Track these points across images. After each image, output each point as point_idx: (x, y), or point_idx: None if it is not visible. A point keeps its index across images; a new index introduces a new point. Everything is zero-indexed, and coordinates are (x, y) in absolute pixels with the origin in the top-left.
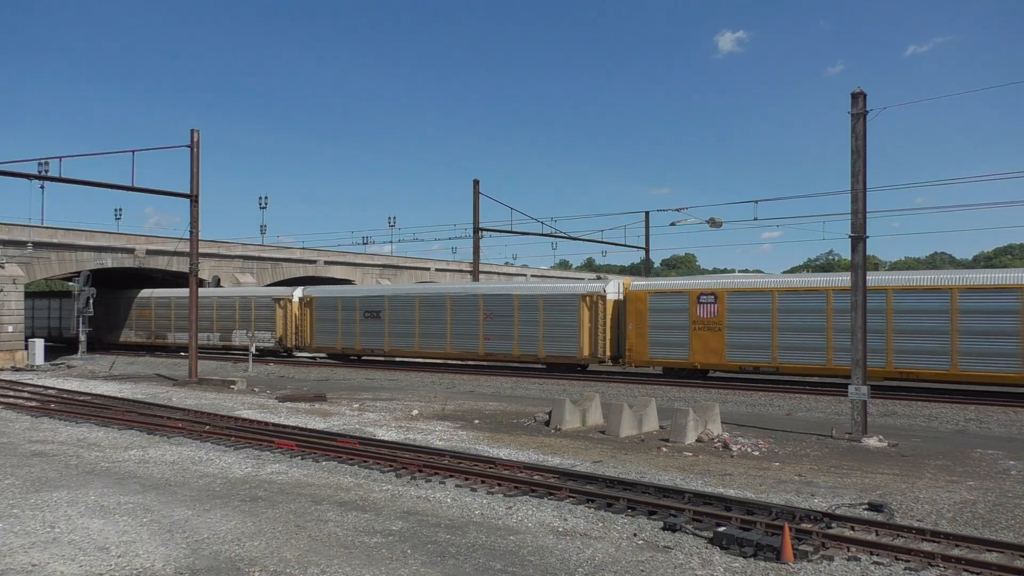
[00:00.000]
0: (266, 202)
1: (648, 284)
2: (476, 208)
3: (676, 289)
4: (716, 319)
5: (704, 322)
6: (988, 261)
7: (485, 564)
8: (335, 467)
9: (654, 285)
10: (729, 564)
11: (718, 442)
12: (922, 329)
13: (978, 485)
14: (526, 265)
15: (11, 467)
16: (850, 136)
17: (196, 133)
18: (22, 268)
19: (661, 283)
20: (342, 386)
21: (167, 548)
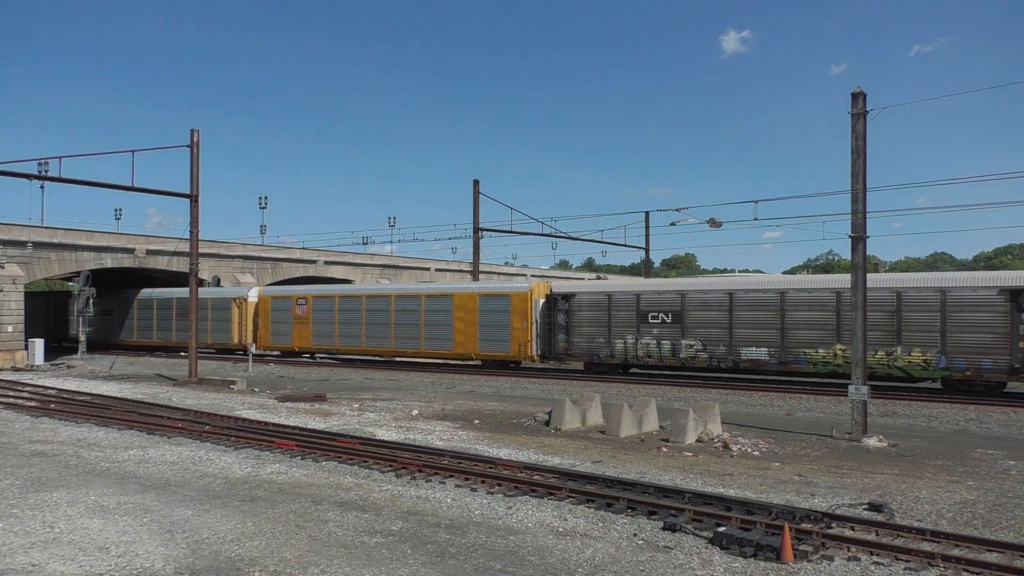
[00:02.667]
0: (266, 202)
1: (269, 290)
2: (476, 208)
3: (283, 295)
4: (306, 316)
5: (300, 318)
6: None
7: (485, 564)
8: (335, 467)
9: (272, 291)
10: (729, 564)
11: (718, 442)
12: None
13: (978, 485)
14: (526, 265)
15: (11, 467)
16: (850, 136)
17: (196, 133)
18: (22, 268)
19: (276, 290)
20: (342, 386)
21: (167, 548)
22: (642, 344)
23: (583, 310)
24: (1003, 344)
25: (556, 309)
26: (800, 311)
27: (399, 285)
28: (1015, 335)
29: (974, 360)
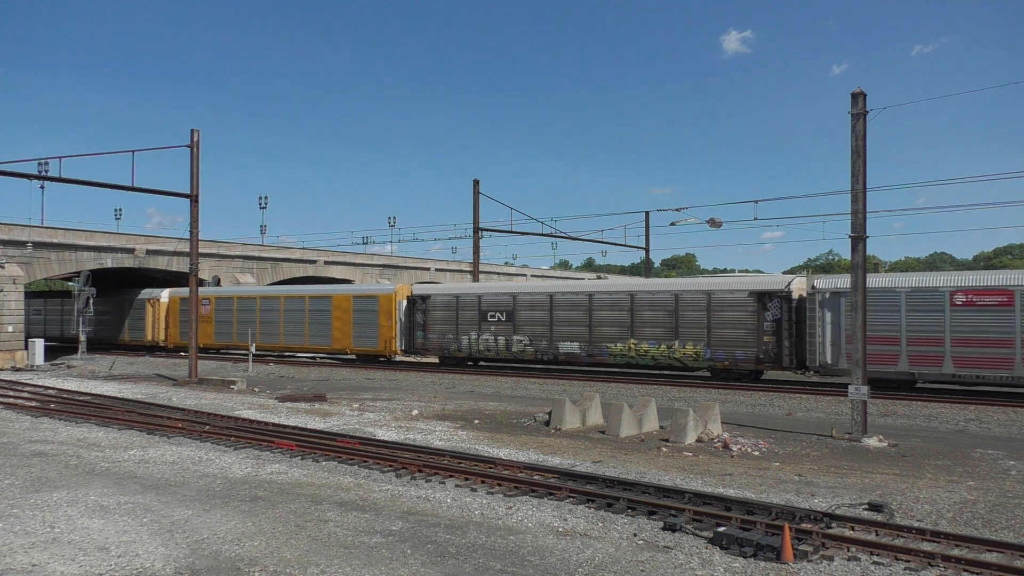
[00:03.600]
0: (266, 202)
1: (178, 292)
2: (476, 208)
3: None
4: (209, 316)
5: (204, 317)
6: (988, 261)
7: (485, 564)
8: (335, 467)
9: (180, 293)
10: (729, 564)
11: (718, 442)
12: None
13: (978, 485)
14: (526, 265)
15: (11, 467)
16: (850, 136)
17: (196, 133)
18: (22, 268)
19: (184, 291)
20: (342, 386)
21: (167, 548)
22: (483, 340)
23: (437, 310)
24: (752, 338)
25: (416, 309)
26: (604, 311)
27: (288, 287)
28: (760, 331)
29: (731, 352)
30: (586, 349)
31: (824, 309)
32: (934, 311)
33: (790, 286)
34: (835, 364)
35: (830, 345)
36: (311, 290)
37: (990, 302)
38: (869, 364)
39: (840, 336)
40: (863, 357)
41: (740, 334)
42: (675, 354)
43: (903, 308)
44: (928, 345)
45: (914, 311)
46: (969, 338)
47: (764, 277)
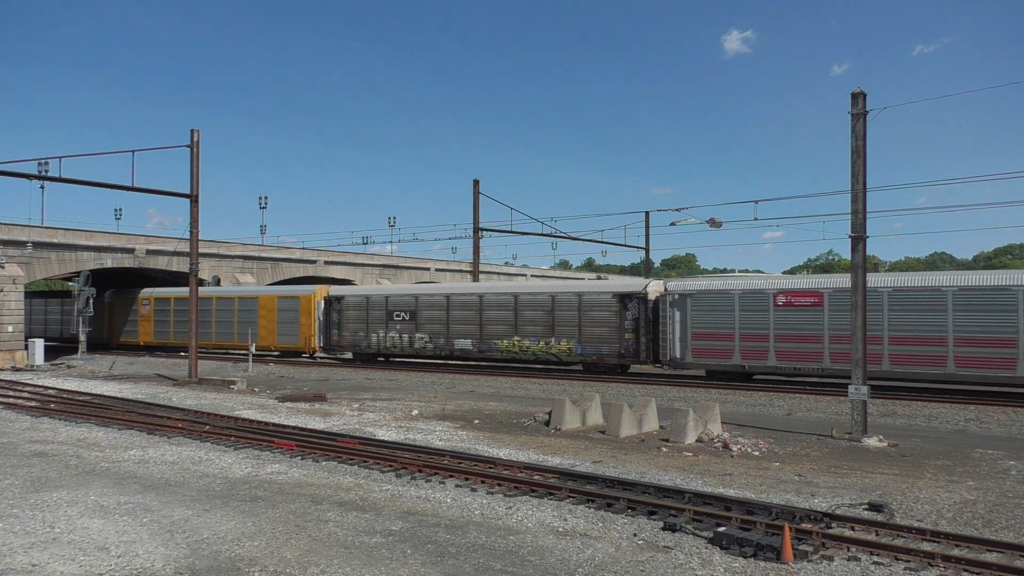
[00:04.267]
0: (266, 202)
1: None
2: (476, 208)
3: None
4: (148, 315)
5: (144, 317)
6: (988, 261)
7: (485, 564)
8: (335, 467)
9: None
10: (729, 564)
11: (718, 442)
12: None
13: (978, 485)
14: (526, 265)
15: (11, 467)
16: (850, 136)
17: (196, 133)
18: (22, 268)
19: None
20: (342, 386)
21: (167, 548)
22: (390, 337)
23: (350, 310)
24: (616, 336)
25: (332, 309)
26: (492, 311)
27: (220, 288)
28: (623, 329)
29: (599, 348)
30: (477, 345)
31: (674, 309)
32: (761, 311)
33: (647, 288)
34: (683, 358)
35: (679, 341)
36: (240, 291)
37: (804, 303)
38: (708, 357)
39: (687, 333)
40: (863, 357)
41: (606, 332)
42: (552, 350)
43: (736, 308)
44: (756, 341)
45: (746, 311)
46: (788, 334)
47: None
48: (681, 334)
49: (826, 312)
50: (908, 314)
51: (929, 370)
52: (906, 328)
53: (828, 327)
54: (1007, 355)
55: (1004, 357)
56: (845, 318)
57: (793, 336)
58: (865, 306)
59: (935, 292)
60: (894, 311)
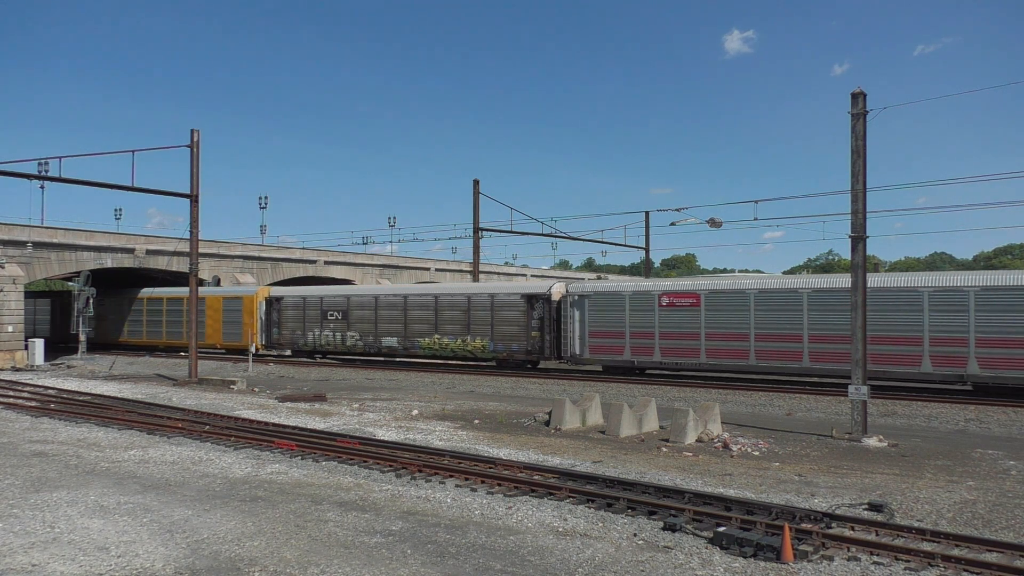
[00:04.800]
0: (266, 202)
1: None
2: (476, 208)
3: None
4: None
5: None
6: (988, 261)
7: (485, 564)
8: (335, 467)
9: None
10: (729, 564)
11: (718, 442)
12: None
13: (978, 485)
14: (526, 265)
15: (11, 467)
16: (850, 136)
17: (196, 133)
18: (22, 268)
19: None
20: (342, 386)
21: (167, 548)
22: (324, 335)
23: (289, 309)
24: (524, 334)
25: (272, 308)
26: (415, 311)
27: (169, 289)
28: (529, 327)
29: (509, 345)
30: (402, 343)
31: (574, 309)
32: (648, 311)
33: (551, 290)
34: (582, 355)
35: (578, 339)
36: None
37: (685, 303)
38: (603, 354)
39: (585, 332)
40: (863, 357)
41: (515, 330)
42: (467, 347)
43: (627, 308)
44: (644, 338)
45: (635, 311)
46: (671, 332)
47: (533, 282)
48: (580, 332)
49: (702, 312)
50: (673, 314)
51: (689, 360)
52: (672, 325)
53: (704, 325)
54: (796, 349)
55: (793, 351)
56: (719, 317)
57: (675, 334)
58: (865, 306)
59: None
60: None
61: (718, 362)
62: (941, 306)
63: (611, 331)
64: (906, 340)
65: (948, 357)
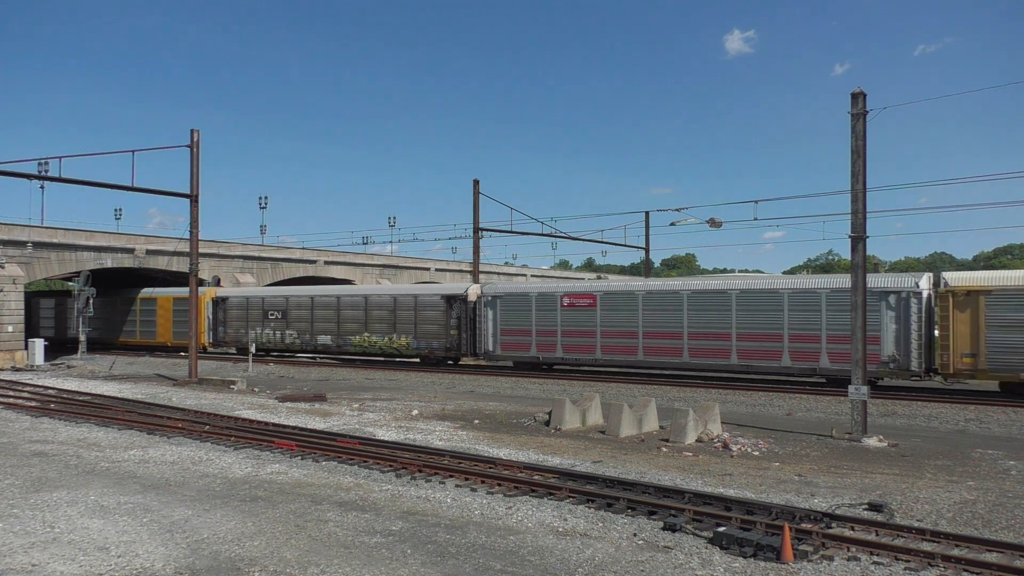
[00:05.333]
0: (266, 202)
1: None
2: (476, 208)
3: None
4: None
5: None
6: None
7: (485, 564)
8: (335, 467)
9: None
10: (729, 564)
11: (718, 442)
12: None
13: (978, 485)
14: (526, 265)
15: (11, 467)
16: (850, 136)
17: (196, 133)
18: (22, 268)
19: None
20: (342, 386)
21: (167, 548)
22: (265, 334)
23: (233, 309)
24: (443, 332)
25: (218, 308)
26: (347, 311)
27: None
28: (448, 326)
29: (430, 343)
30: (336, 341)
31: (488, 309)
32: (551, 311)
33: (468, 291)
34: (495, 351)
35: (491, 337)
36: (142, 292)
37: (583, 304)
38: (513, 350)
39: (497, 330)
40: (862, 357)
41: (436, 329)
42: (394, 344)
43: (533, 308)
44: (548, 336)
45: (540, 311)
46: (571, 331)
47: (452, 284)
48: (493, 331)
49: (598, 312)
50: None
51: (585, 356)
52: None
53: (600, 325)
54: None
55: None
56: (613, 316)
57: (575, 332)
58: (865, 306)
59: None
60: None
61: (611, 358)
62: (798, 306)
63: (520, 329)
64: (770, 337)
65: (804, 352)
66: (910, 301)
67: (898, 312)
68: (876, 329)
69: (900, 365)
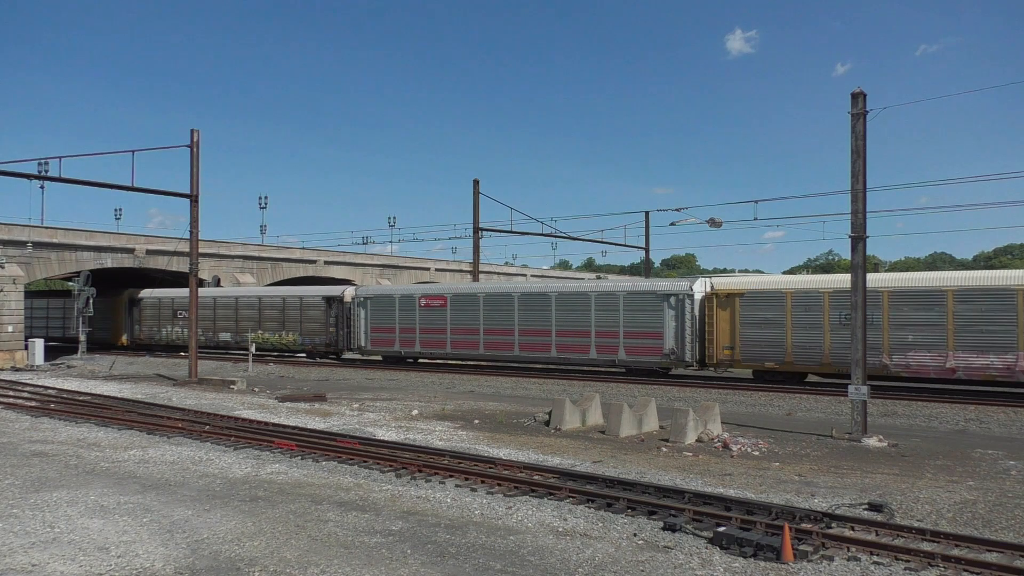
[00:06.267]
0: (266, 202)
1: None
2: (476, 208)
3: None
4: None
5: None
6: (988, 261)
7: (485, 564)
8: (335, 467)
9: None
10: (729, 564)
11: (718, 442)
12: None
13: (978, 485)
14: (526, 265)
15: (11, 467)
16: (850, 136)
17: (196, 133)
18: (22, 268)
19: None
20: (342, 386)
21: (167, 548)
22: (174, 331)
23: (147, 309)
24: (323, 330)
25: (134, 307)
26: (244, 310)
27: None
28: (327, 325)
29: (313, 339)
30: (234, 338)
31: (360, 309)
32: (412, 310)
33: (344, 293)
34: (366, 347)
35: (363, 334)
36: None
37: (436, 304)
38: (381, 346)
39: (368, 328)
40: (862, 356)
41: (317, 327)
42: (283, 340)
43: (397, 308)
44: (408, 333)
45: (402, 310)
46: (427, 328)
47: (332, 287)
48: (365, 328)
49: (448, 312)
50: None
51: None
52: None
53: (450, 323)
54: (509, 340)
55: (507, 342)
56: (461, 316)
57: (430, 329)
58: (865, 306)
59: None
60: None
61: (458, 352)
62: (602, 307)
63: (386, 327)
64: (581, 333)
65: (607, 347)
66: (685, 302)
67: (677, 312)
68: (660, 326)
69: (678, 357)
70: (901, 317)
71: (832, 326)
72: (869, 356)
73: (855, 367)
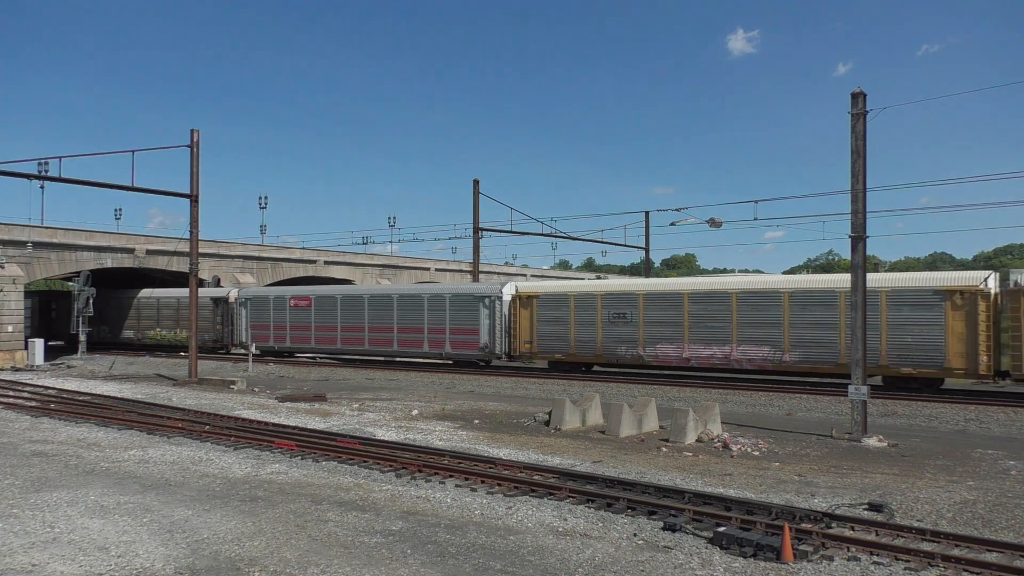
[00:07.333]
0: (266, 202)
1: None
2: (476, 208)
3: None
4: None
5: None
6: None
7: (485, 564)
8: (335, 467)
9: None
10: (729, 564)
11: (718, 442)
12: None
13: (978, 485)
14: (526, 265)
15: (11, 467)
16: (850, 136)
17: (196, 133)
18: (22, 268)
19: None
20: (342, 386)
21: (167, 548)
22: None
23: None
24: (212, 327)
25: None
26: (145, 310)
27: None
28: (215, 322)
29: (203, 336)
30: (137, 335)
31: (242, 308)
32: (283, 310)
33: (229, 294)
34: (247, 342)
35: (245, 331)
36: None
37: (303, 304)
38: (259, 341)
39: (248, 326)
40: (862, 356)
41: (207, 324)
42: (178, 337)
43: (271, 308)
44: (281, 330)
45: (276, 310)
46: (296, 325)
47: (218, 289)
48: (246, 326)
49: (313, 311)
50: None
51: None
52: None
53: (314, 321)
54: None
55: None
56: (322, 315)
57: (298, 327)
58: (865, 306)
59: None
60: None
61: (321, 347)
62: (432, 307)
63: (263, 325)
64: (416, 330)
65: (437, 342)
66: (496, 303)
67: (490, 311)
68: (477, 324)
69: (491, 350)
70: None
71: (604, 323)
72: (627, 349)
73: (855, 367)
